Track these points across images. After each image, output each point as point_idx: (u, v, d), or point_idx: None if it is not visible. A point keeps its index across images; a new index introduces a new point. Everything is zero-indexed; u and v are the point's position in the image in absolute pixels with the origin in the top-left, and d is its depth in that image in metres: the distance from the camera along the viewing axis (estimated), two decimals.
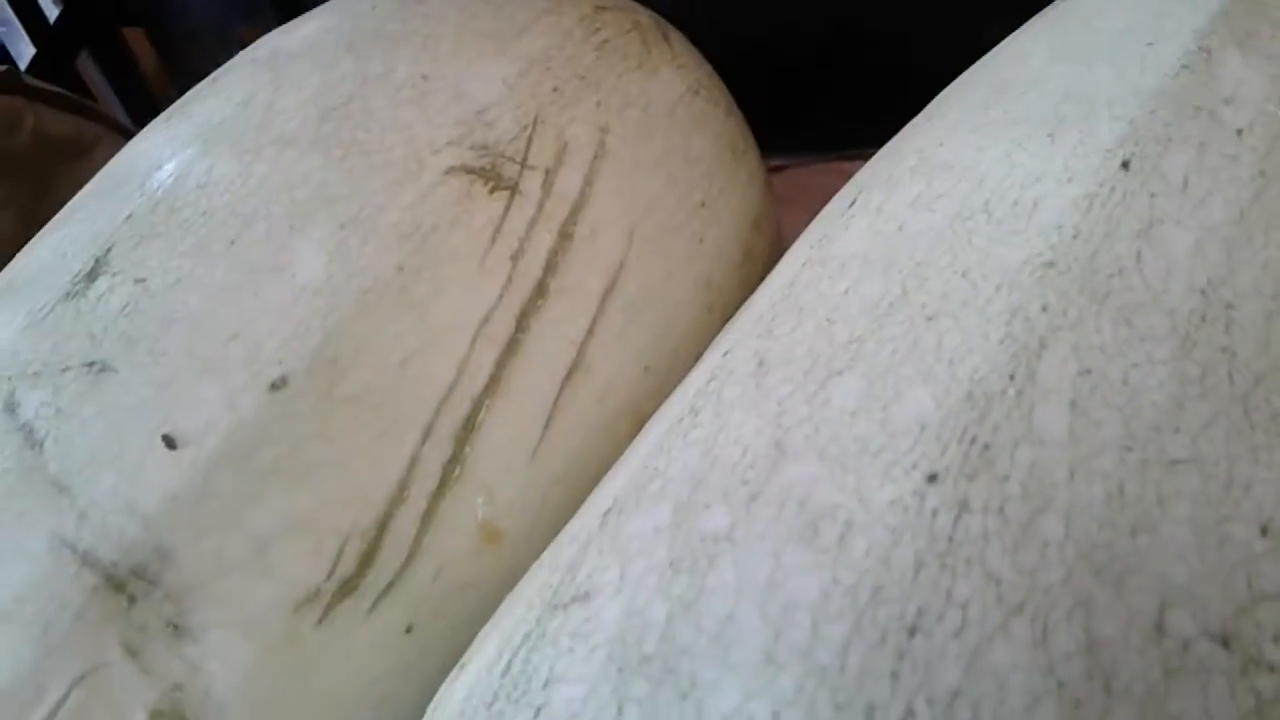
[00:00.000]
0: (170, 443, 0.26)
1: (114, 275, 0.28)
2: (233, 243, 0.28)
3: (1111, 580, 0.19)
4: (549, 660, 0.21)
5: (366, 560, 0.27)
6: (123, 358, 0.27)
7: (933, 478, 0.21)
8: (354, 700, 0.28)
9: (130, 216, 0.29)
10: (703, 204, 0.33)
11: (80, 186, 0.33)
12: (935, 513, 0.20)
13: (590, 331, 0.30)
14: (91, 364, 0.27)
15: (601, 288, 0.31)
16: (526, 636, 0.22)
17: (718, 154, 0.34)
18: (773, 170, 0.40)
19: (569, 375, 0.30)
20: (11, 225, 0.40)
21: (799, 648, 0.19)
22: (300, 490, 0.27)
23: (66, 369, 0.27)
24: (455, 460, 0.28)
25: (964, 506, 0.20)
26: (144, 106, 0.41)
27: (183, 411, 0.27)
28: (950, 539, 0.20)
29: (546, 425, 0.30)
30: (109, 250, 0.29)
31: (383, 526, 0.28)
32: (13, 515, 0.26)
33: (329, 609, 0.27)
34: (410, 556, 0.28)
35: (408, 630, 0.28)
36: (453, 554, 0.29)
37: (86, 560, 0.26)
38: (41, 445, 0.26)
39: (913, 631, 0.19)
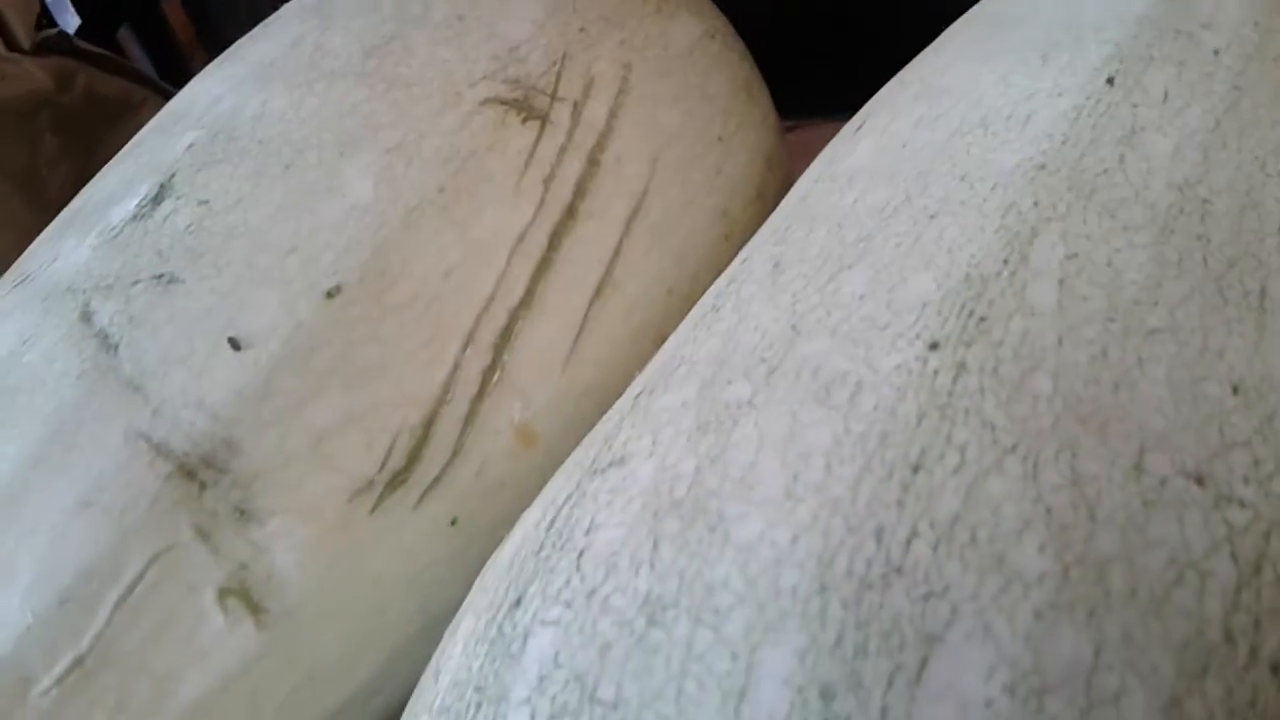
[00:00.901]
0: (235, 345, 0.29)
1: (178, 198, 0.31)
2: (288, 167, 0.31)
3: (1095, 428, 0.22)
4: (589, 513, 0.23)
5: (414, 456, 0.30)
6: (189, 270, 0.29)
7: (934, 345, 0.23)
8: (403, 586, 0.30)
9: (192, 146, 0.32)
10: (719, 139, 0.35)
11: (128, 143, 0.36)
12: (936, 373, 0.23)
13: (617, 252, 0.33)
14: (160, 276, 0.30)
15: (627, 212, 0.33)
16: (568, 497, 0.24)
17: (733, 94, 0.36)
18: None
19: (597, 292, 0.32)
20: (65, 176, 0.42)
21: (815, 484, 0.21)
22: (354, 389, 0.29)
23: (137, 281, 0.30)
24: (494, 367, 0.31)
25: (962, 368, 0.23)
26: (181, 79, 0.44)
27: (246, 317, 0.29)
28: (950, 394, 0.22)
29: (577, 338, 0.32)
30: (173, 176, 0.31)
31: (428, 425, 0.30)
32: (91, 413, 0.28)
33: (380, 499, 0.29)
34: (454, 454, 0.30)
35: (452, 523, 0.31)
36: (492, 454, 0.31)
37: (160, 451, 0.28)
38: (116, 349, 0.29)
39: (916, 469, 0.21)
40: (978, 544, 0.20)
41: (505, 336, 0.31)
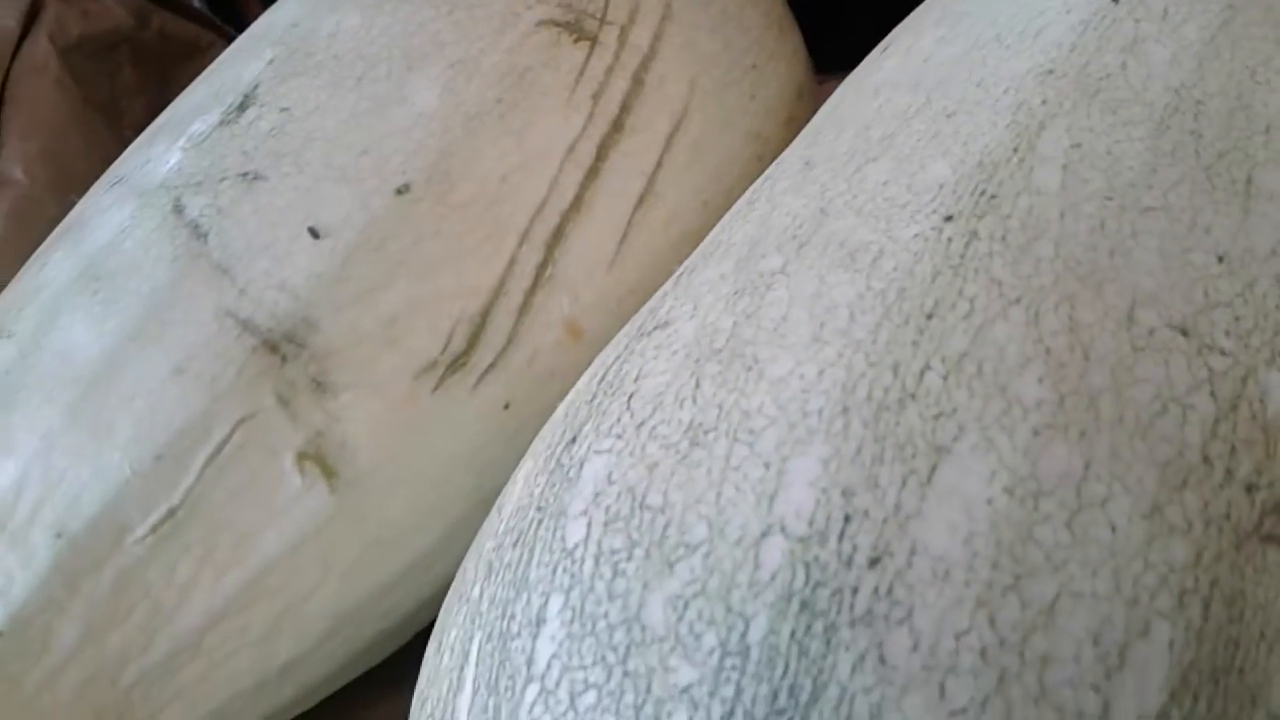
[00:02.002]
0: (314, 233, 0.32)
1: (261, 106, 0.34)
2: (360, 79, 0.34)
3: (1092, 286, 0.24)
4: (637, 365, 0.26)
5: (473, 341, 0.33)
6: (272, 169, 0.32)
7: (949, 218, 0.26)
8: (461, 461, 0.33)
9: (273, 61, 0.35)
10: (754, 66, 0.38)
11: None
12: (950, 240, 0.25)
13: (659, 165, 0.35)
14: (246, 174, 0.33)
15: (668, 128, 0.36)
16: (617, 357, 0.27)
17: (766, 26, 0.39)
18: None
19: (640, 201, 0.35)
20: (141, 108, 0.46)
21: (839, 330, 0.24)
22: (420, 278, 0.32)
23: (224, 178, 0.33)
24: (546, 264, 0.34)
25: (973, 235, 0.25)
26: (240, 25, 0.47)
27: (324, 210, 0.32)
28: (962, 257, 0.25)
29: (621, 241, 0.35)
30: (256, 88, 0.34)
31: (486, 314, 0.33)
32: (184, 292, 0.31)
33: (442, 379, 0.32)
34: (508, 342, 0.33)
35: (506, 406, 0.33)
36: (543, 344, 0.34)
37: (246, 327, 0.31)
38: (206, 238, 0.32)
39: (930, 316, 0.24)
40: (983, 375, 0.23)
41: (556, 237, 0.34)
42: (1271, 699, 0.21)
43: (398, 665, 0.36)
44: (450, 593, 0.27)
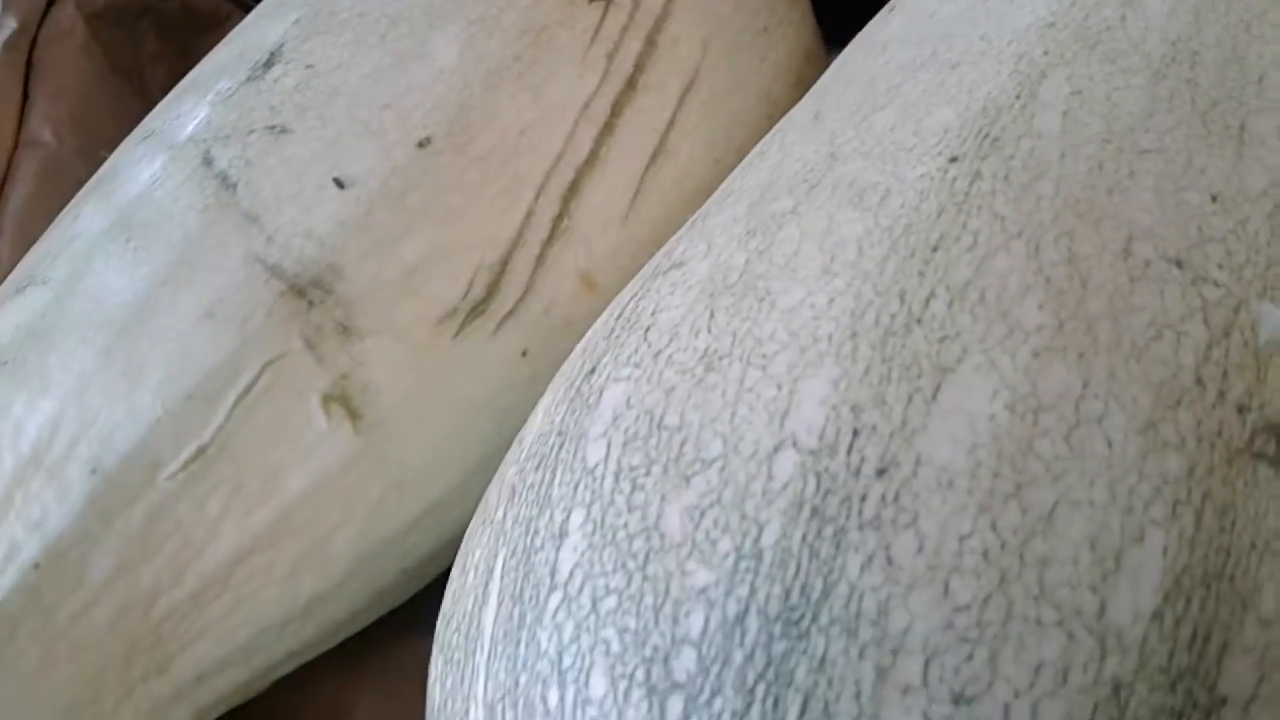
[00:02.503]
0: (339, 183, 0.33)
1: (287, 63, 0.35)
2: (383, 36, 0.35)
3: (1091, 221, 0.25)
4: (653, 301, 0.27)
5: (492, 290, 0.34)
6: (297, 122, 0.34)
7: (954, 159, 0.27)
8: (480, 406, 0.34)
9: (298, 20, 0.36)
10: (765, 29, 0.39)
11: None
12: (955, 179, 0.26)
13: (671, 123, 0.37)
14: (272, 127, 0.34)
15: (680, 88, 0.37)
16: (634, 296, 0.28)
17: None
18: None
19: (653, 158, 0.36)
20: (164, 75, 0.47)
21: (848, 263, 0.25)
22: (441, 227, 0.33)
23: (252, 131, 0.34)
24: (562, 216, 0.35)
25: (977, 175, 0.26)
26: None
27: (348, 161, 0.33)
28: (966, 195, 0.26)
29: (635, 197, 0.36)
30: (281, 46, 0.35)
31: (504, 263, 0.34)
32: (214, 240, 0.32)
33: (462, 326, 0.33)
34: (526, 291, 0.34)
35: (523, 354, 0.34)
36: (559, 294, 0.35)
37: (274, 272, 0.32)
38: (235, 188, 0.33)
39: (935, 249, 0.25)
40: (986, 302, 0.24)
41: (572, 190, 0.35)
42: (1262, 605, 0.22)
43: (420, 609, 0.37)
44: (473, 521, 0.28)
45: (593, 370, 0.27)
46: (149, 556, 0.31)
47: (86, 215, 0.34)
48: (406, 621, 0.38)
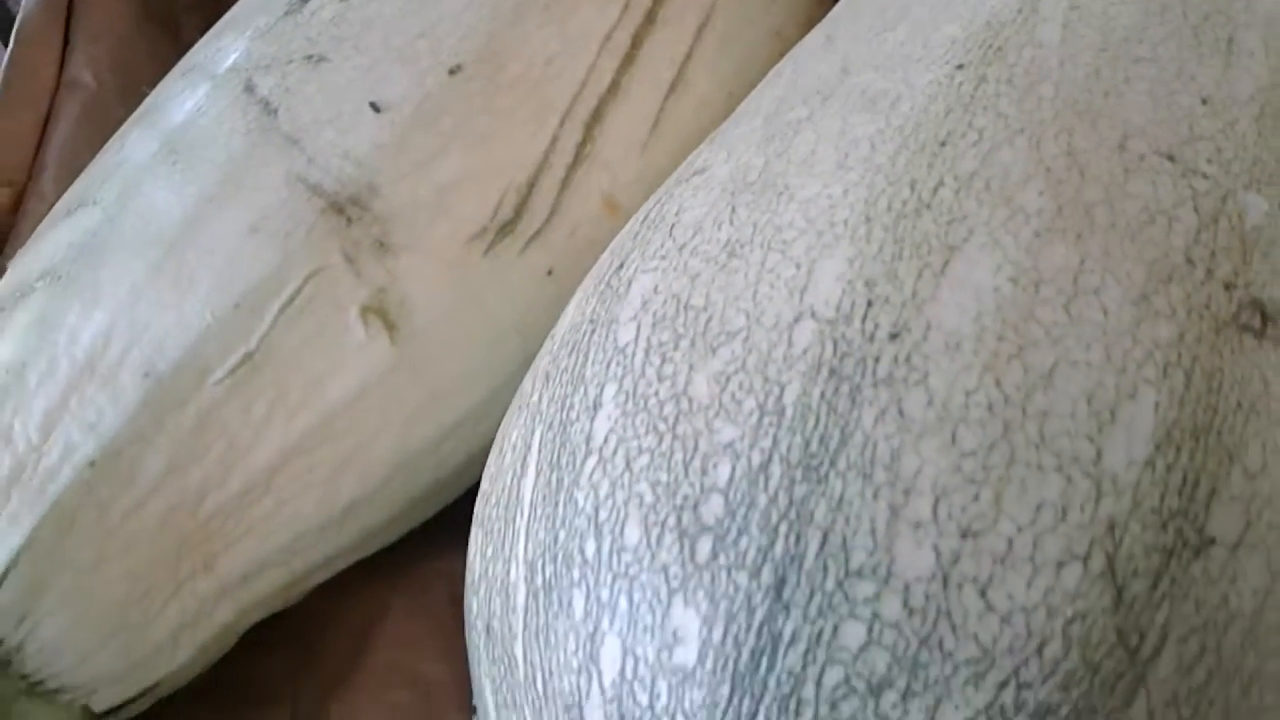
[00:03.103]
0: (375, 108, 0.35)
1: None
2: None
3: (1088, 120, 0.27)
4: (677, 203, 0.29)
5: (519, 210, 0.36)
6: (334, 51, 0.35)
7: (960, 66, 0.29)
8: (508, 322, 0.36)
9: None
10: None
11: None
12: (961, 84, 0.28)
13: (688, 56, 0.38)
14: (310, 57, 0.35)
15: (697, 23, 0.39)
16: (658, 201, 0.30)
17: None
18: None
19: (671, 88, 0.38)
20: (198, 26, 0.48)
21: (862, 158, 0.27)
22: (472, 150, 0.35)
23: (290, 61, 0.35)
24: (585, 142, 0.36)
25: (982, 79, 0.28)
26: None
27: (383, 87, 0.35)
28: (972, 96, 0.28)
29: (654, 125, 0.38)
30: None
31: (531, 186, 0.36)
32: (257, 160, 0.34)
33: (492, 244, 0.35)
34: (552, 213, 0.36)
35: (549, 273, 0.36)
36: (583, 216, 0.37)
37: (315, 191, 0.34)
38: (276, 113, 0.35)
39: (943, 144, 0.27)
40: (990, 190, 0.25)
41: (595, 117, 0.37)
42: (1248, 459, 0.23)
43: (449, 525, 0.38)
44: (508, 413, 0.30)
45: (621, 265, 0.28)
46: (198, 457, 0.33)
47: (132, 142, 0.36)
48: (435, 537, 0.40)
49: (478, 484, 0.31)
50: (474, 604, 0.27)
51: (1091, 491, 0.22)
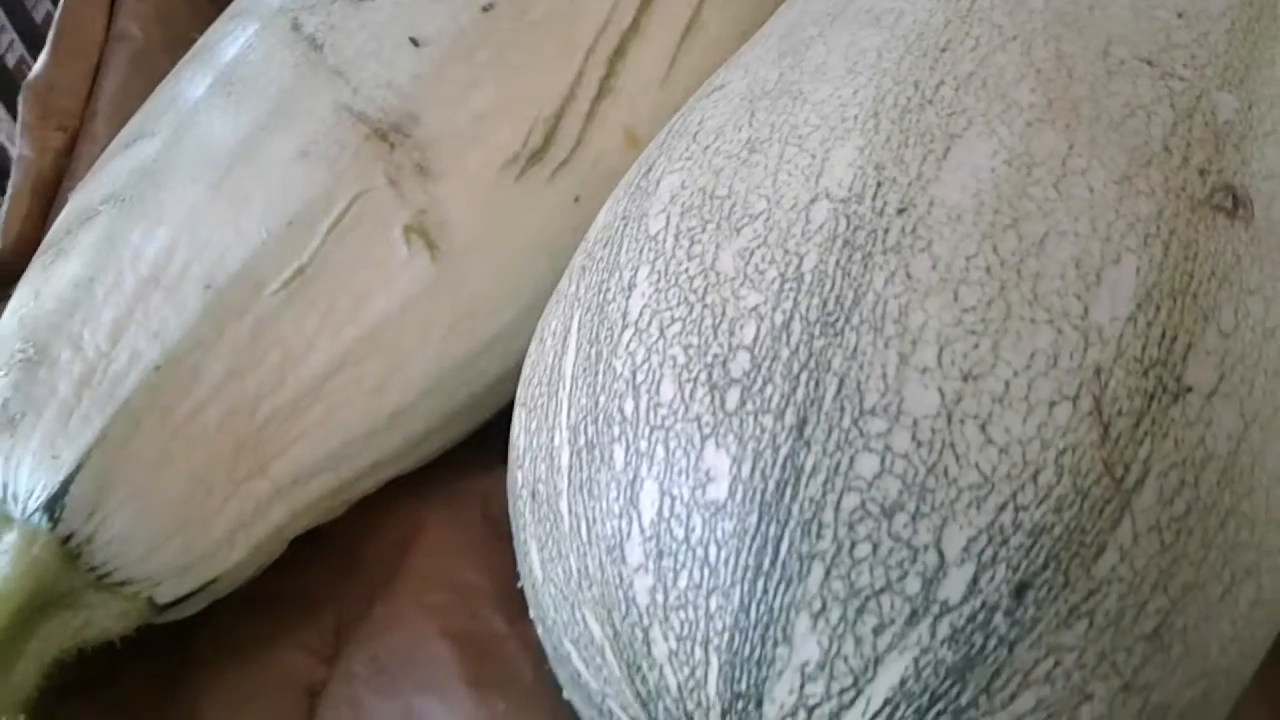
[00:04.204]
0: (415, 43, 0.37)
1: None
2: None
3: (1075, 29, 0.30)
4: (699, 115, 0.32)
5: (548, 140, 0.38)
6: None
7: None
8: (539, 246, 0.38)
9: None
10: None
11: None
12: (958, 2, 0.31)
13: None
14: None
15: None
16: (680, 115, 0.33)
17: None
18: None
19: (688, 28, 0.41)
20: None
21: (869, 64, 0.29)
22: (504, 83, 0.38)
23: (334, 1, 0.38)
24: (608, 77, 0.39)
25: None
26: None
27: (422, 23, 0.37)
28: (969, 9, 0.30)
29: (671, 63, 0.40)
30: None
31: (559, 117, 0.38)
32: (305, 91, 0.37)
33: (523, 170, 0.38)
34: (578, 143, 0.39)
35: (575, 199, 0.39)
36: (606, 147, 0.39)
37: (360, 118, 0.36)
38: (321, 48, 0.37)
39: (943, 50, 0.29)
40: (987, 87, 0.28)
41: (618, 54, 0.39)
42: (1221, 320, 0.26)
43: (482, 445, 0.41)
44: (545, 310, 0.33)
45: (649, 169, 0.31)
46: (254, 364, 0.35)
47: (186, 80, 0.39)
48: (468, 459, 0.42)
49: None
50: (519, 476, 0.30)
51: (1080, 342, 0.24)
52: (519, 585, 0.31)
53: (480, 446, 0.42)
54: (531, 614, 0.30)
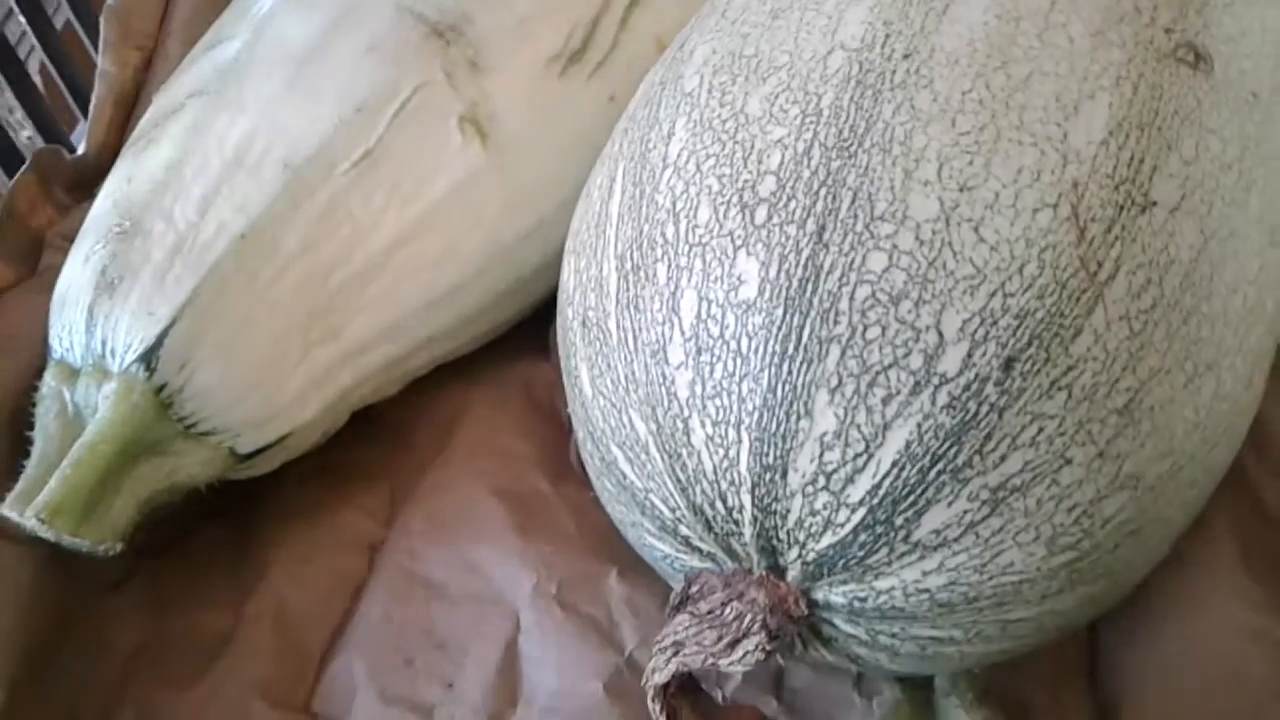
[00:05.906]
0: None
1: None
2: None
3: None
4: (725, 2, 0.36)
5: (586, 42, 0.42)
6: None
7: None
8: (579, 138, 0.43)
9: None
10: None
11: None
12: None
13: None
14: None
15: None
16: (707, 2, 0.37)
17: None
18: None
19: None
20: None
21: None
22: None
23: None
24: None
25: None
26: None
27: None
28: None
29: None
30: None
31: (595, 22, 0.43)
32: None
33: (565, 69, 0.42)
34: (612, 47, 0.43)
35: (611, 99, 0.43)
36: (638, 52, 0.43)
37: (420, 19, 0.41)
38: None
39: None
40: None
41: None
42: (1183, 148, 0.30)
43: (524, 338, 0.46)
44: (590, 176, 0.37)
45: (682, 44, 0.35)
46: (327, 237, 0.39)
47: None
48: (510, 349, 0.47)
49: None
50: (569, 312, 0.34)
51: (1059, 160, 0.28)
52: (567, 412, 0.35)
53: (523, 343, 0.46)
54: (579, 434, 0.35)
